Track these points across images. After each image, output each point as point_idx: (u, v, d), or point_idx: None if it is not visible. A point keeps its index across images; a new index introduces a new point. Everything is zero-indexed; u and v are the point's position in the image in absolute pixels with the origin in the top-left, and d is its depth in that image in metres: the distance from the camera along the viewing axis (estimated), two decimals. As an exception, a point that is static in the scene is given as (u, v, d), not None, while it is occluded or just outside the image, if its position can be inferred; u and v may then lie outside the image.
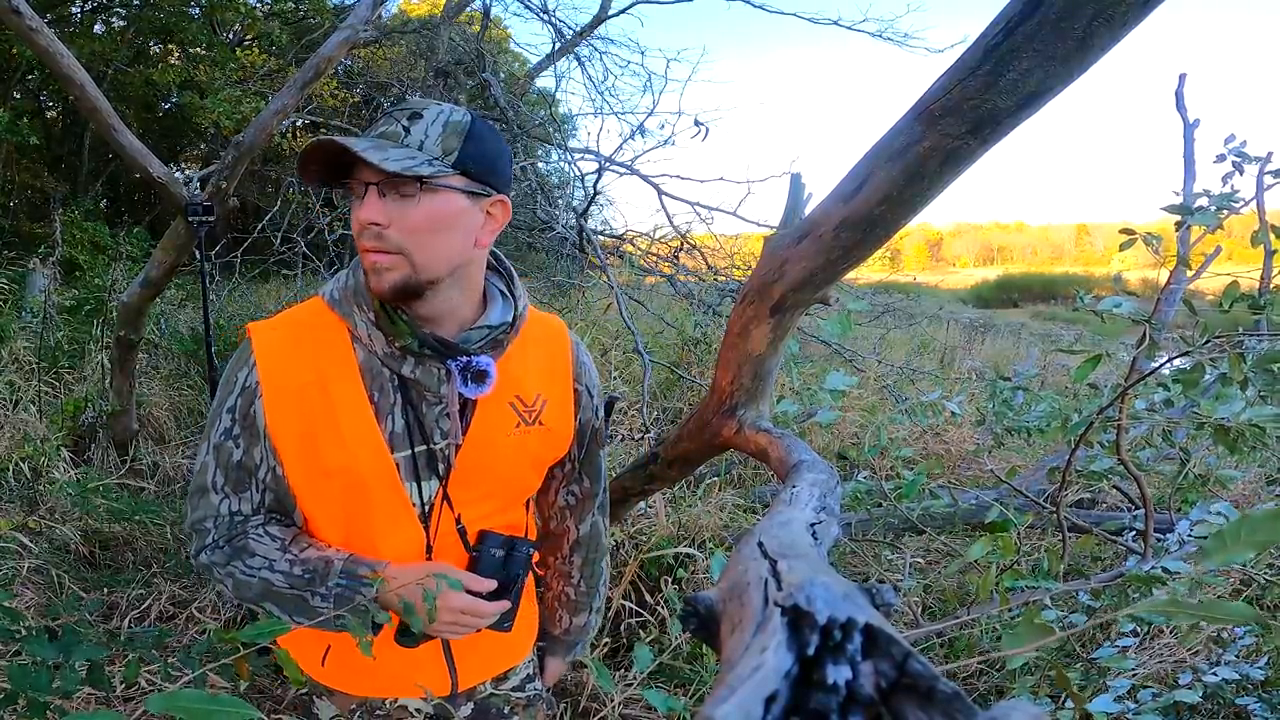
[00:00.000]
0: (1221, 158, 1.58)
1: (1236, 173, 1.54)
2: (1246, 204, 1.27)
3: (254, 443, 0.86)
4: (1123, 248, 1.25)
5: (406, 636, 0.90)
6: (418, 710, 1.03)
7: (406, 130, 0.81)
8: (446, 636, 0.91)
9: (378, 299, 0.84)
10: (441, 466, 0.91)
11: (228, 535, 0.88)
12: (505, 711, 1.09)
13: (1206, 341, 1.09)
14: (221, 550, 0.87)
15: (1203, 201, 1.18)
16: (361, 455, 0.87)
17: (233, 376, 0.87)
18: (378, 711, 1.01)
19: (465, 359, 0.87)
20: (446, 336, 0.87)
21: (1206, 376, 1.26)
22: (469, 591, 0.89)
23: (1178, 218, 1.18)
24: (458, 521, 0.93)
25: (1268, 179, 1.43)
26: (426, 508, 0.91)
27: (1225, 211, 1.17)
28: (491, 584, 0.91)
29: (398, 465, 0.88)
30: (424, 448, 0.89)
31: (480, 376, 0.88)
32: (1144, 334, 1.11)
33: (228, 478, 0.87)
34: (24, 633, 0.91)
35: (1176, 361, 1.29)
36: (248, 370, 0.86)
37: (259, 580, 0.86)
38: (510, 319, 0.91)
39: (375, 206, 0.80)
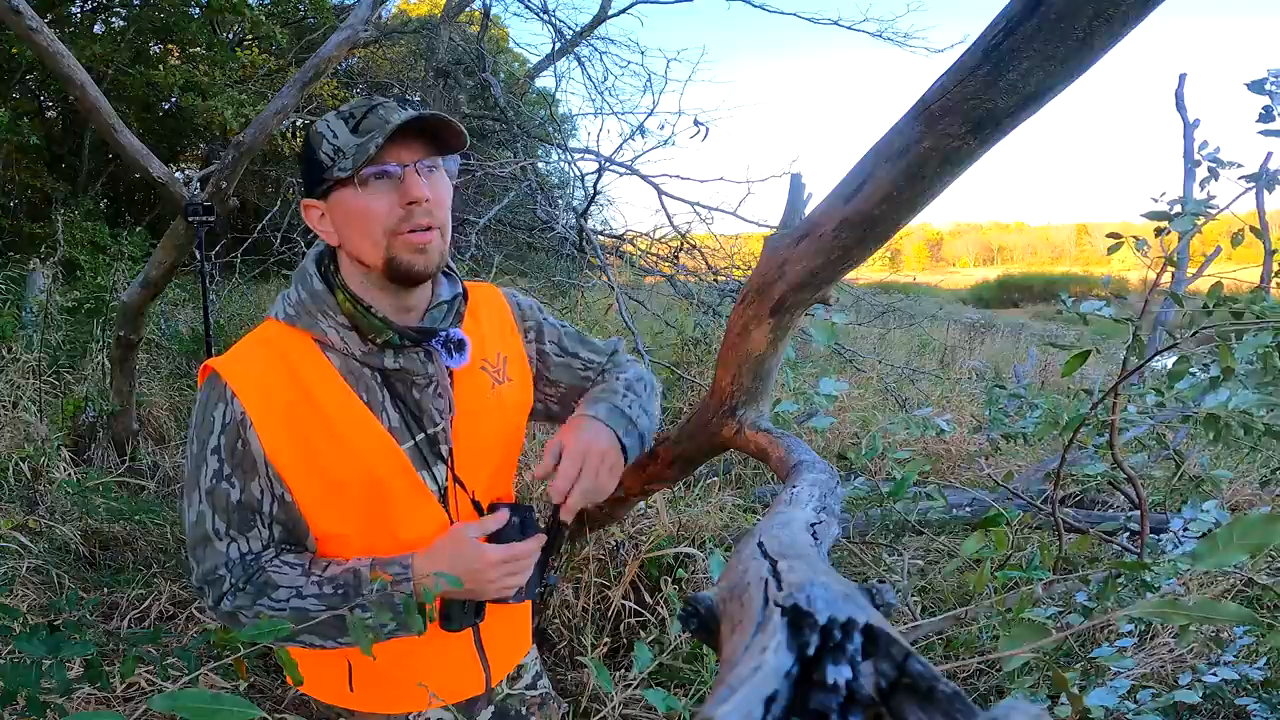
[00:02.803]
0: (1198, 163, 1.60)
1: (1212, 179, 1.57)
2: (1222, 210, 1.28)
3: (250, 477, 0.83)
4: (1110, 250, 1.27)
5: (451, 622, 0.90)
6: None
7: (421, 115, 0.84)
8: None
9: (418, 280, 0.85)
10: (444, 449, 0.91)
11: (245, 576, 0.84)
12: (523, 713, 1.09)
13: (1194, 333, 1.09)
14: (244, 592, 0.84)
15: (1178, 209, 1.19)
16: (373, 457, 0.86)
17: (208, 418, 0.83)
18: None
19: (443, 334, 0.89)
20: (415, 321, 0.89)
21: (1198, 376, 1.27)
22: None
23: (1157, 223, 1.20)
24: (473, 499, 0.94)
25: (1242, 184, 1.44)
26: (442, 493, 0.92)
27: (1200, 219, 1.18)
28: (539, 540, 0.91)
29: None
30: (422, 435, 0.90)
31: (460, 345, 0.91)
32: (1132, 333, 1.12)
33: (230, 521, 0.84)
34: (19, 630, 0.91)
35: (1169, 361, 1.30)
36: (225, 405, 0.83)
37: (291, 611, 0.82)
38: (461, 290, 0.94)
39: (423, 183, 0.82)
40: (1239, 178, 1.46)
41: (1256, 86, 1.36)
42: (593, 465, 0.89)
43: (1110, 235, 1.25)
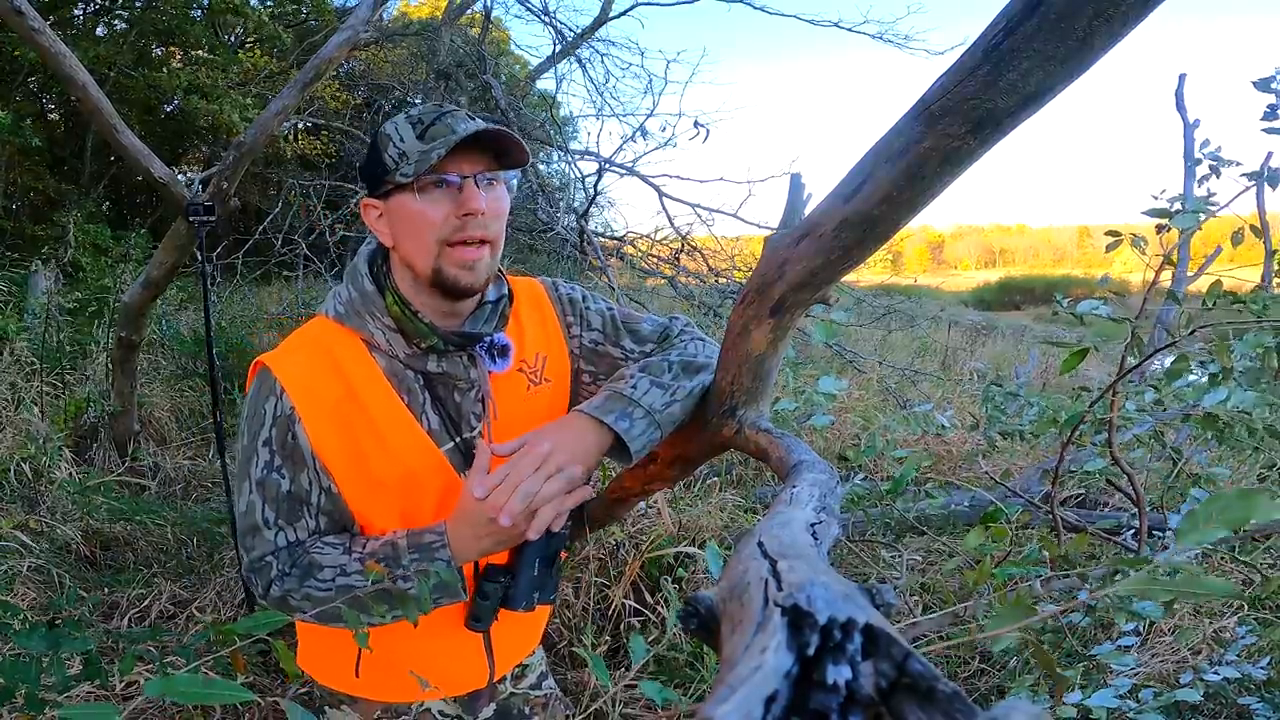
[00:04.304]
0: (1199, 162, 1.60)
1: (1214, 176, 1.56)
2: (1223, 207, 1.28)
3: (300, 470, 0.85)
4: (1108, 249, 1.26)
5: (479, 622, 0.91)
6: (442, 713, 1.03)
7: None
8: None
9: (464, 294, 0.86)
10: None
11: (291, 561, 0.86)
12: (526, 712, 1.09)
13: (1191, 332, 1.09)
14: (290, 577, 0.85)
15: (1179, 206, 1.19)
16: (411, 457, 0.87)
17: (259, 410, 0.85)
18: (402, 716, 1.00)
19: (486, 339, 0.90)
20: (459, 322, 0.90)
21: (1196, 375, 1.26)
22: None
23: (1159, 221, 1.19)
24: None
25: (1244, 180, 1.44)
26: None
27: (1202, 216, 1.18)
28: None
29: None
30: (461, 438, 0.91)
31: (504, 350, 0.92)
32: (1130, 332, 1.12)
33: (279, 511, 0.86)
34: (19, 627, 0.91)
35: (1167, 360, 1.30)
36: (276, 399, 0.84)
37: (338, 590, 0.83)
38: (506, 291, 0.94)
39: (481, 195, 0.83)
40: (1240, 175, 1.46)
41: (1263, 85, 1.36)
42: (523, 466, 0.81)
43: (1109, 233, 1.25)
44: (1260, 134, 1.40)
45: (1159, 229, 1.18)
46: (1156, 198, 1.21)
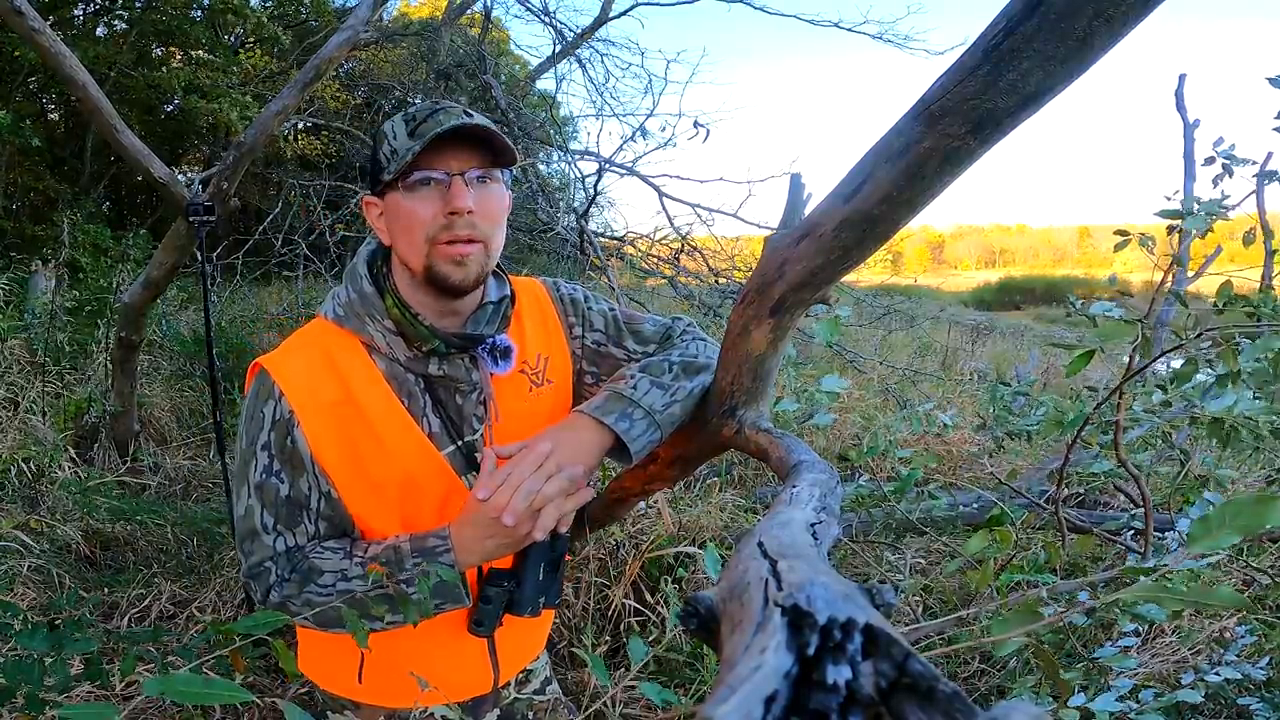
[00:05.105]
0: (1210, 160, 1.59)
1: (1226, 175, 1.55)
2: (1235, 207, 1.27)
3: (299, 473, 0.84)
4: (1117, 249, 1.26)
5: (482, 627, 0.90)
6: (444, 719, 1.02)
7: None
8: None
9: (456, 292, 0.84)
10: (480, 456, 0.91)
11: (290, 566, 0.85)
12: (530, 718, 1.09)
13: (1199, 335, 1.09)
14: (290, 582, 0.84)
15: (1195, 207, 1.18)
16: (411, 461, 0.86)
17: (257, 413, 0.84)
18: None
19: (489, 341, 0.89)
20: (460, 323, 0.89)
21: (1202, 377, 1.26)
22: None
23: (1170, 222, 1.19)
24: None
25: (1252, 182, 1.43)
26: None
27: (1214, 216, 1.17)
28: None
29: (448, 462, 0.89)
30: (462, 441, 0.90)
31: (506, 352, 0.91)
32: (1140, 333, 1.11)
33: (278, 515, 0.85)
34: (20, 628, 0.91)
35: (1173, 361, 1.30)
36: (274, 403, 0.83)
37: (338, 595, 0.82)
38: (509, 292, 0.94)
39: (468, 194, 0.82)
40: (1253, 175, 1.45)
41: (1278, 81, 1.34)
42: (523, 466, 0.81)
43: (1118, 233, 1.25)
44: (1259, 133, 1.40)
45: (1170, 229, 1.18)
46: (1169, 199, 1.21)
